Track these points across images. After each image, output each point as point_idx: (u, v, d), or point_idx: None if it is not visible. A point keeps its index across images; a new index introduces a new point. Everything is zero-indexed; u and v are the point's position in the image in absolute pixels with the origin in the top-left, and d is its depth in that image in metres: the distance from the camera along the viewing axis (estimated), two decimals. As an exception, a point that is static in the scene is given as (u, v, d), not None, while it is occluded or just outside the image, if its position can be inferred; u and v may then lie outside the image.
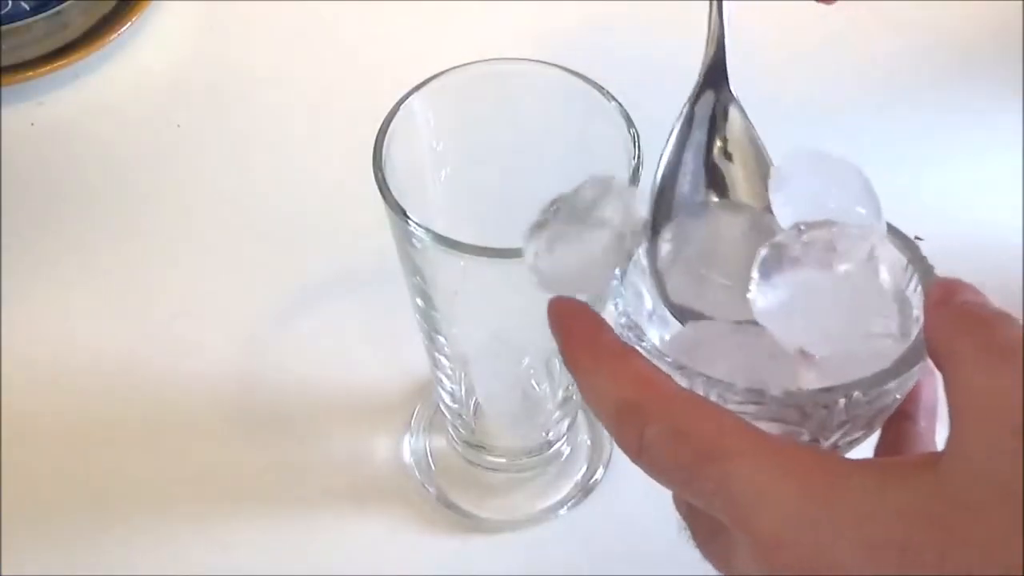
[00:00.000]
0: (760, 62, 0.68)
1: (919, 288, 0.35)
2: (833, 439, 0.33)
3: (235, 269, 0.59)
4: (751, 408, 0.32)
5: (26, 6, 0.67)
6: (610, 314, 0.36)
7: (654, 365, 0.33)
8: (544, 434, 0.51)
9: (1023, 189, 0.61)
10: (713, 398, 0.32)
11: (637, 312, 0.36)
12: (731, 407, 0.32)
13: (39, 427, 0.54)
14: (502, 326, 0.45)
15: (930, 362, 0.33)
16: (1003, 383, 0.29)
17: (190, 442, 0.53)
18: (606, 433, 0.53)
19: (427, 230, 0.39)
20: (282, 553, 0.50)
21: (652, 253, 0.37)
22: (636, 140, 0.41)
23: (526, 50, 0.44)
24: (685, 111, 0.39)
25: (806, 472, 0.30)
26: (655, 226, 0.37)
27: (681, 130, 0.39)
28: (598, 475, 0.52)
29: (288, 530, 0.51)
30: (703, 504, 0.32)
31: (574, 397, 0.49)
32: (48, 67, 0.66)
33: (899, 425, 0.37)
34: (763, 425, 0.32)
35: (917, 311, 0.34)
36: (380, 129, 0.42)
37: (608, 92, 0.43)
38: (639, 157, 0.41)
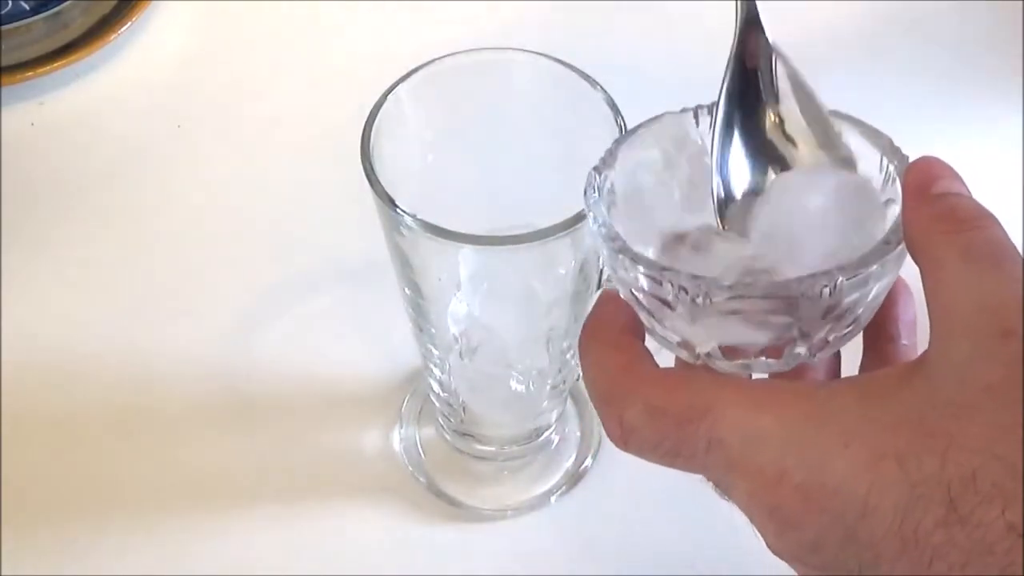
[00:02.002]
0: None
1: (896, 180, 0.35)
2: (822, 333, 0.33)
3: (231, 264, 0.60)
4: (737, 304, 0.32)
5: (26, 6, 0.67)
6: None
7: (633, 354, 0.34)
8: (533, 423, 0.51)
9: (1023, 189, 0.61)
10: (700, 299, 0.32)
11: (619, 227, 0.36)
12: (717, 302, 0.32)
13: (38, 425, 0.54)
14: (490, 314, 0.45)
15: (906, 281, 0.33)
16: (986, 286, 0.29)
17: (181, 436, 0.54)
18: (595, 421, 0.53)
19: (415, 218, 0.39)
20: (273, 545, 0.50)
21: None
22: (623, 129, 0.41)
23: (513, 40, 0.44)
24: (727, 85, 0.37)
25: (789, 403, 0.31)
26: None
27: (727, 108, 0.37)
28: (587, 463, 0.53)
29: (278, 521, 0.51)
30: (699, 468, 0.32)
31: (562, 386, 0.49)
32: (48, 67, 0.65)
33: (882, 347, 0.37)
34: (751, 324, 0.32)
35: (896, 203, 0.34)
36: (367, 119, 0.42)
37: (595, 80, 0.43)
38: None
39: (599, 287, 0.43)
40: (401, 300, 0.46)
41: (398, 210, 0.40)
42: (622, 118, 0.42)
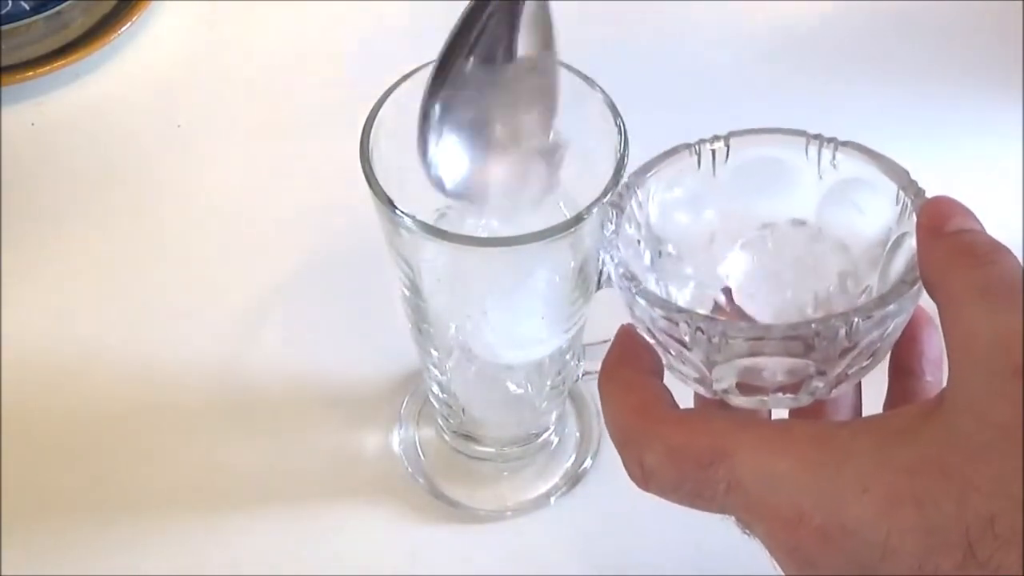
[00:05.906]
0: (758, 61, 0.68)
1: (913, 214, 0.34)
2: (839, 369, 0.33)
3: (231, 264, 0.60)
4: (754, 345, 0.32)
5: (26, 6, 0.67)
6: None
7: (652, 394, 0.34)
8: (533, 424, 0.51)
9: (1023, 189, 0.61)
10: (716, 339, 0.32)
11: (636, 264, 0.36)
12: (734, 344, 0.32)
13: (38, 425, 0.54)
14: (490, 315, 0.45)
15: (931, 316, 0.33)
16: (1002, 323, 0.29)
17: (179, 437, 0.54)
18: (595, 422, 0.53)
19: (414, 220, 0.39)
20: (272, 546, 0.50)
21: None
22: (622, 130, 0.41)
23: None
24: None
25: (808, 446, 0.31)
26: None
27: None
28: (587, 464, 0.53)
29: (277, 522, 0.51)
30: (718, 509, 0.32)
31: (561, 387, 0.49)
32: (48, 67, 0.66)
33: (905, 382, 0.37)
34: (768, 363, 0.33)
35: (912, 236, 0.34)
36: (367, 120, 0.42)
37: (594, 81, 0.43)
38: (625, 147, 0.41)
39: (599, 287, 0.43)
40: (400, 301, 0.46)
41: (397, 212, 0.40)
42: (621, 119, 0.42)
